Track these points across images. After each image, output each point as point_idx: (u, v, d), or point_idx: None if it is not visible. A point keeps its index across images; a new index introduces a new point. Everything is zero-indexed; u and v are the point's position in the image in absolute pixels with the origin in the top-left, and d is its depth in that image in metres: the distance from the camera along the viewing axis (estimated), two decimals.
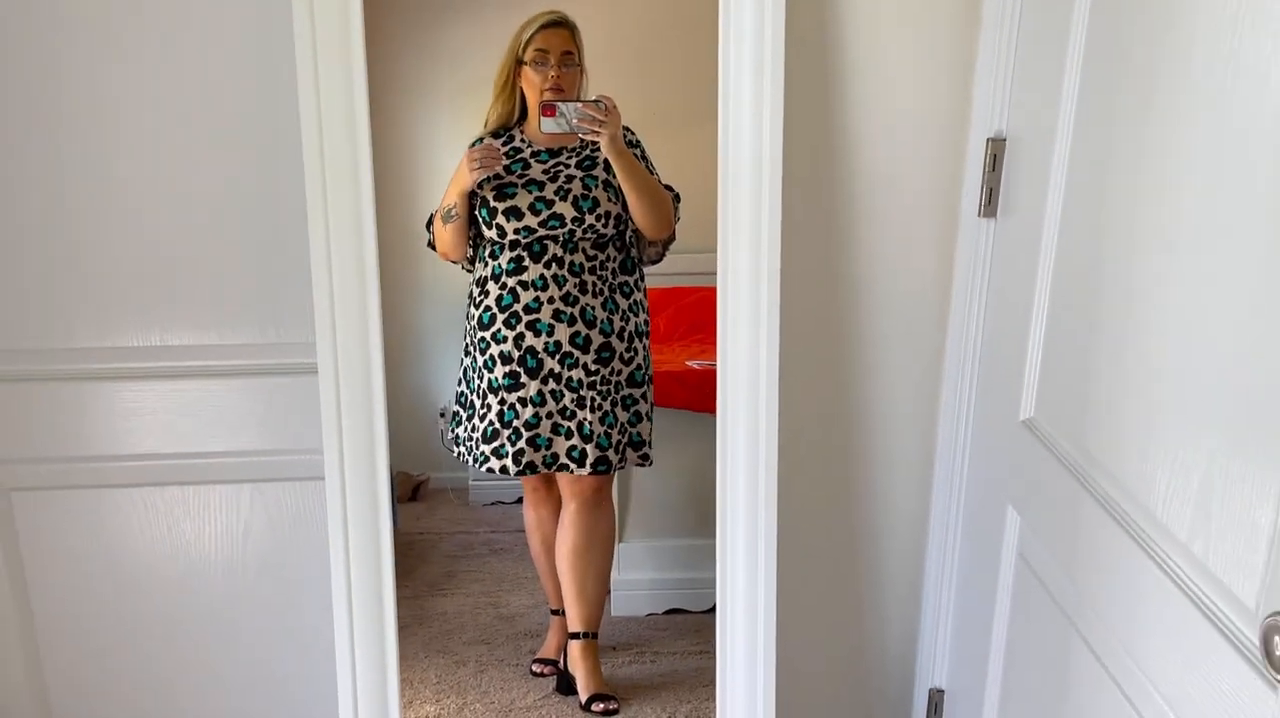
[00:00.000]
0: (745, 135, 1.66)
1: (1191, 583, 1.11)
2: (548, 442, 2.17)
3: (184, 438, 1.91)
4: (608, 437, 2.18)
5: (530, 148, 2.18)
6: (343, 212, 1.67)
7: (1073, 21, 1.42)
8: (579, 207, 2.11)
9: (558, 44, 2.12)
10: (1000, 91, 1.70)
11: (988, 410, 1.82)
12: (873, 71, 1.77)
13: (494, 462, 2.20)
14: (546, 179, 2.13)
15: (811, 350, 1.91)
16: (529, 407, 2.15)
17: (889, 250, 1.86)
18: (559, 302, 2.13)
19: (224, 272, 1.85)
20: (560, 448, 2.18)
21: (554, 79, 2.11)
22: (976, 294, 1.81)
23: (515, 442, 2.17)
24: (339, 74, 1.62)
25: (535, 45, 2.12)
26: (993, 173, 1.72)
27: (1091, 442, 1.39)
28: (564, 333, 2.14)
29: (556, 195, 2.11)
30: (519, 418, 2.16)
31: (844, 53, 1.75)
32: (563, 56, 2.12)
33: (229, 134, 1.79)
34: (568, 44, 2.13)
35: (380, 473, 1.80)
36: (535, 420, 2.16)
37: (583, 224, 2.12)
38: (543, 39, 2.12)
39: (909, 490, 2.01)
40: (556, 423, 2.17)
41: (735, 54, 1.65)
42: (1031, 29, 1.62)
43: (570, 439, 2.18)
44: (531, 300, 2.13)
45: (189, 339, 1.87)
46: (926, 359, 1.93)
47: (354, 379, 1.74)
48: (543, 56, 2.11)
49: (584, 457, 2.18)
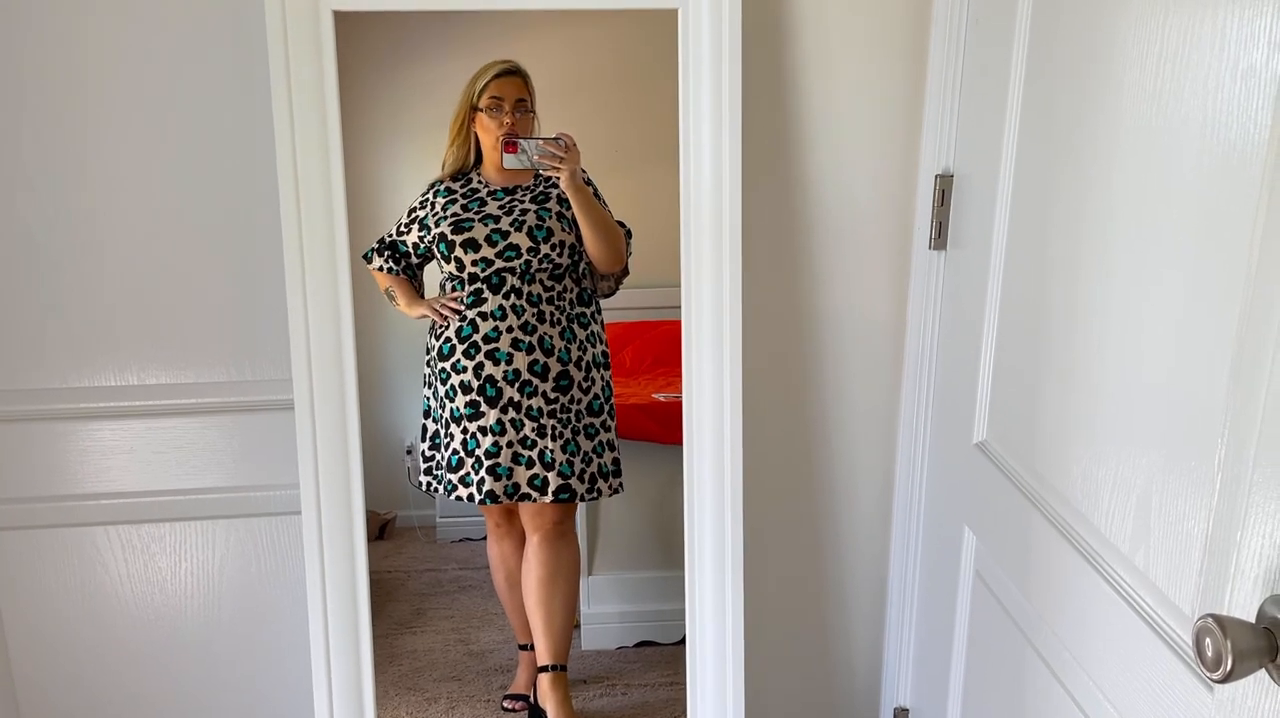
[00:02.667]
0: (705, 175, 1.73)
1: (1134, 593, 1.16)
2: (508, 471, 2.19)
3: (161, 476, 1.94)
4: (570, 464, 2.21)
5: (487, 187, 2.24)
6: (318, 250, 1.72)
7: (1011, 62, 1.50)
8: (534, 237, 2.17)
9: (511, 92, 2.19)
10: (947, 130, 1.77)
11: (943, 434, 1.88)
12: (828, 111, 1.84)
13: (461, 490, 2.22)
14: (502, 213, 2.19)
15: (774, 380, 1.97)
16: (489, 436, 2.18)
17: (847, 282, 1.93)
18: (518, 330, 2.16)
19: (200, 311, 1.88)
20: (521, 477, 2.20)
21: (508, 125, 2.17)
22: (930, 323, 1.88)
23: (478, 470, 2.20)
24: (313, 117, 1.67)
25: (489, 93, 2.18)
26: (941, 207, 1.79)
27: (1040, 462, 1.44)
28: (522, 361, 2.18)
29: (512, 227, 2.17)
30: (480, 447, 2.19)
31: (800, 94, 1.82)
32: (516, 104, 2.19)
33: (204, 175, 1.83)
34: (521, 91, 2.20)
35: (356, 508, 1.84)
36: (495, 450, 2.18)
37: (538, 254, 2.17)
38: (497, 87, 2.18)
39: (870, 514, 2.07)
40: (517, 452, 2.19)
41: (694, 97, 1.72)
42: (974, 69, 1.70)
43: (532, 468, 2.20)
44: (490, 330, 2.17)
45: (166, 378, 1.90)
46: (885, 386, 2.00)
47: (329, 415, 1.78)
48: (497, 103, 2.18)
49: (545, 485, 2.21)
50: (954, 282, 1.80)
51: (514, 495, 2.21)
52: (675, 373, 2.25)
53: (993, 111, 1.57)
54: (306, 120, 1.68)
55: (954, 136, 1.76)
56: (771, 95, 1.82)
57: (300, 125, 1.68)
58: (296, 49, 1.66)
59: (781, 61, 1.81)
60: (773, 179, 1.86)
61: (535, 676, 2.39)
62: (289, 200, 1.68)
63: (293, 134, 1.67)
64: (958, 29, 1.72)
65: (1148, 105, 1.11)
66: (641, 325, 2.64)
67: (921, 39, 1.81)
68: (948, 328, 1.84)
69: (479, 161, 2.29)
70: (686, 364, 1.81)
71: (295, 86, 1.66)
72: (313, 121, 1.68)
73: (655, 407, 2.43)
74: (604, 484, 2.31)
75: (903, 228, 1.90)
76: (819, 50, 1.81)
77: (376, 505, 2.57)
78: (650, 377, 2.63)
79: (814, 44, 1.81)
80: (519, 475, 2.20)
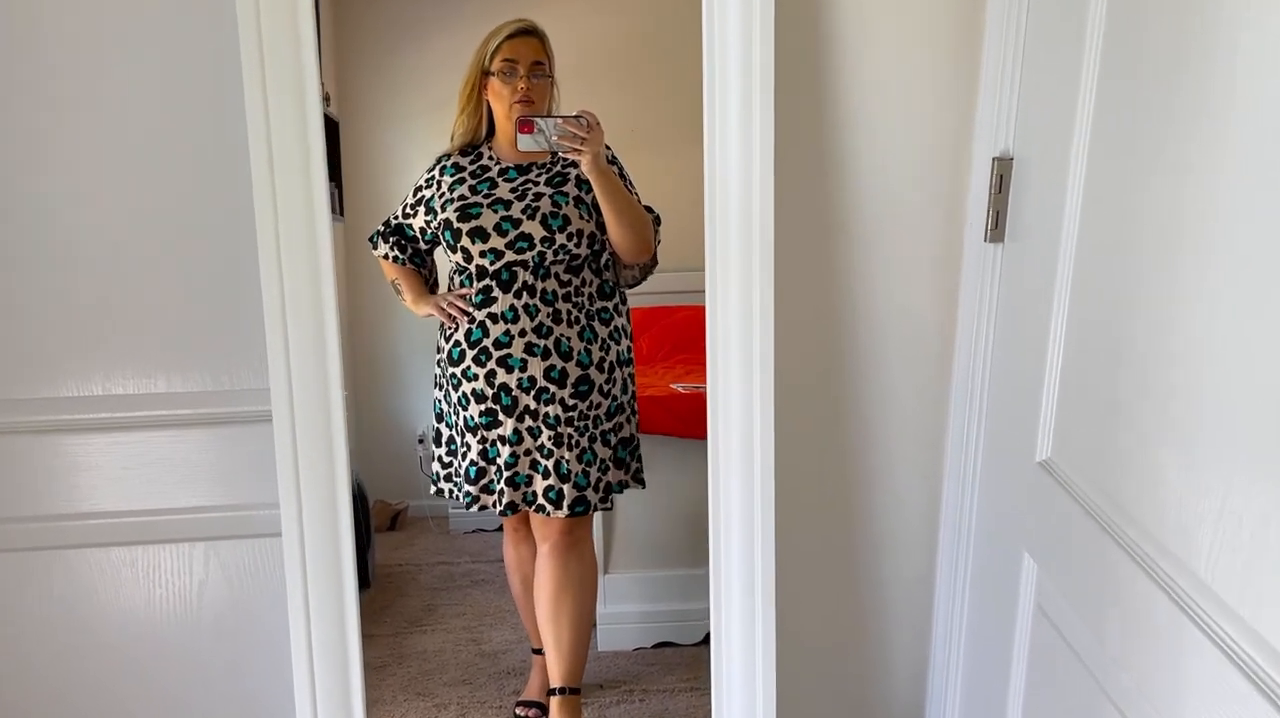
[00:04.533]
0: (733, 160, 1.55)
1: (1242, 652, 0.98)
2: (527, 479, 2.07)
3: (131, 494, 1.78)
4: (585, 475, 2.06)
5: (498, 165, 2.05)
6: (297, 246, 1.55)
7: (1088, 21, 1.31)
8: (548, 225, 1.98)
9: (527, 54, 1.99)
10: (1006, 108, 1.58)
11: (999, 450, 1.69)
12: (868, 88, 1.65)
13: (486, 499, 2.11)
14: (514, 197, 2.00)
15: (807, 389, 1.78)
16: (506, 446, 2.04)
17: (889, 278, 1.75)
18: (531, 334, 2.00)
19: (170, 312, 1.71)
20: (538, 487, 2.07)
21: (523, 91, 1.98)
22: (983, 324, 1.69)
23: (498, 480, 2.07)
24: (290, 99, 1.49)
25: (503, 55, 1.99)
26: (999, 194, 1.60)
27: (1119, 487, 1.26)
28: (538, 368, 2.01)
29: (524, 214, 1.98)
30: (500, 457, 2.05)
31: (837, 70, 1.64)
32: (532, 67, 1.99)
33: (173, 162, 1.66)
34: (537, 53, 2.00)
35: (344, 531, 1.67)
36: (513, 460, 2.05)
37: (553, 244, 1.99)
38: (510, 48, 1.99)
39: (914, 534, 1.88)
40: (535, 461, 2.06)
41: (721, 72, 1.54)
42: (1039, 40, 1.50)
43: (548, 479, 2.06)
44: (501, 334, 2.00)
45: (133, 387, 1.73)
46: (930, 393, 1.81)
47: (312, 428, 1.61)
48: (510, 67, 1.99)
49: (560, 498, 2.06)
50: (1013, 278, 1.61)
51: (531, 504, 2.09)
52: (694, 360, 2.25)
53: (1064, 82, 1.39)
54: (282, 104, 1.50)
55: (1014, 112, 1.57)
56: (803, 70, 1.64)
57: (276, 110, 1.50)
58: (271, 28, 1.48)
59: (815, 29, 1.62)
60: (805, 164, 1.67)
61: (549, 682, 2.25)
62: (264, 192, 1.51)
63: (267, 119, 1.50)
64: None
65: (1267, 58, 0.91)
66: (659, 311, 2.53)
67: (977, 5, 1.62)
68: (1005, 330, 1.64)
69: (491, 133, 2.10)
70: (711, 371, 1.62)
71: (270, 70, 1.49)
72: (289, 105, 1.50)
73: (675, 400, 2.35)
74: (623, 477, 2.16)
75: (953, 218, 1.71)
76: (856, 14, 1.62)
77: (388, 495, 2.60)
78: (668, 364, 2.55)
79: (850, 7, 1.62)
80: (536, 485, 2.07)
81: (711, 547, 1.68)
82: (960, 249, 1.72)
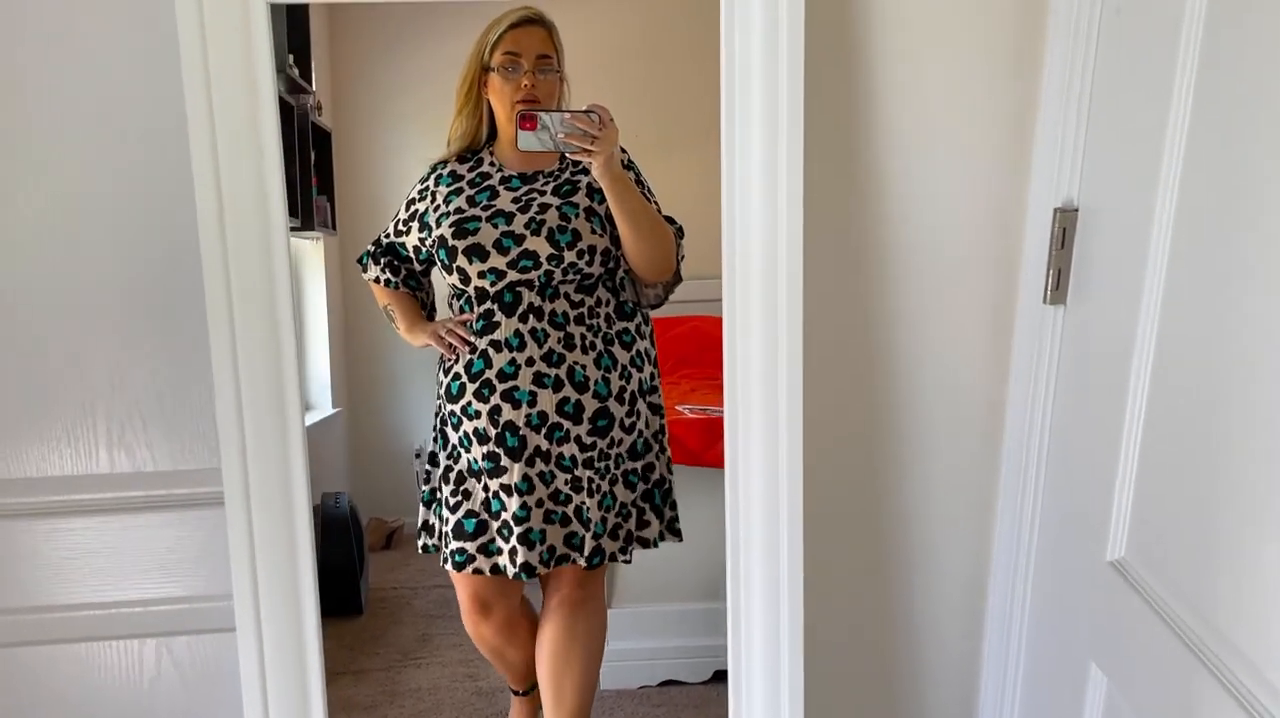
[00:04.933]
0: (754, 211, 1.36)
1: None
2: (541, 534, 1.79)
3: (74, 587, 1.57)
4: (604, 523, 1.81)
5: (500, 172, 1.80)
6: (252, 298, 1.35)
7: (1178, 61, 1.12)
8: (555, 241, 1.73)
9: (532, 45, 1.74)
10: (1069, 151, 1.39)
11: (1060, 543, 1.48)
12: (908, 128, 1.47)
13: (481, 561, 1.80)
14: (516, 210, 1.75)
15: (837, 459, 1.58)
16: (516, 496, 1.77)
17: (930, 344, 1.55)
18: (540, 363, 1.74)
19: (111, 381, 1.52)
20: (556, 538, 1.80)
21: (527, 88, 1.72)
22: (1041, 397, 1.49)
23: (507, 538, 1.79)
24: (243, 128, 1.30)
25: (504, 48, 1.74)
26: (1061, 250, 1.40)
27: (1209, 598, 1.09)
28: (548, 401, 1.75)
29: (528, 229, 1.73)
30: (506, 510, 1.77)
31: (873, 106, 1.45)
32: (538, 61, 1.73)
33: (105, 211, 1.48)
34: (544, 45, 1.75)
35: (308, 627, 1.47)
36: (524, 513, 1.77)
37: (561, 263, 1.73)
38: (513, 40, 1.74)
39: (957, 628, 1.67)
40: (549, 510, 1.78)
41: (743, 109, 1.35)
42: (1112, 72, 1.32)
43: (568, 526, 1.80)
44: (506, 364, 1.74)
45: (72, 467, 1.53)
46: (977, 474, 1.60)
47: (271, 511, 1.42)
48: (513, 61, 1.73)
49: (582, 544, 1.80)
50: (1078, 344, 1.41)
51: (550, 561, 1.80)
52: (700, 375, 2.06)
53: (1145, 126, 1.20)
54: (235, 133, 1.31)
55: (1079, 159, 1.37)
56: (835, 107, 1.45)
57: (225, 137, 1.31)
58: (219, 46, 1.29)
59: (849, 62, 1.44)
60: (836, 213, 1.49)
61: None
62: (210, 229, 1.31)
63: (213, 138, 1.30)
64: (1087, 19, 1.34)
65: None
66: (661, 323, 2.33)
67: (1034, 34, 1.43)
68: (1068, 405, 1.44)
69: (492, 137, 1.87)
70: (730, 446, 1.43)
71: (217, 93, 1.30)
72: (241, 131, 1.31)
73: (681, 427, 2.14)
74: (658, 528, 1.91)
75: (1005, 275, 1.52)
76: (897, 48, 1.44)
77: (384, 512, 2.38)
78: (673, 380, 2.37)
79: (892, 40, 1.44)
80: (553, 537, 1.80)
81: (730, 641, 1.51)
82: (1013, 310, 1.52)
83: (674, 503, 1.93)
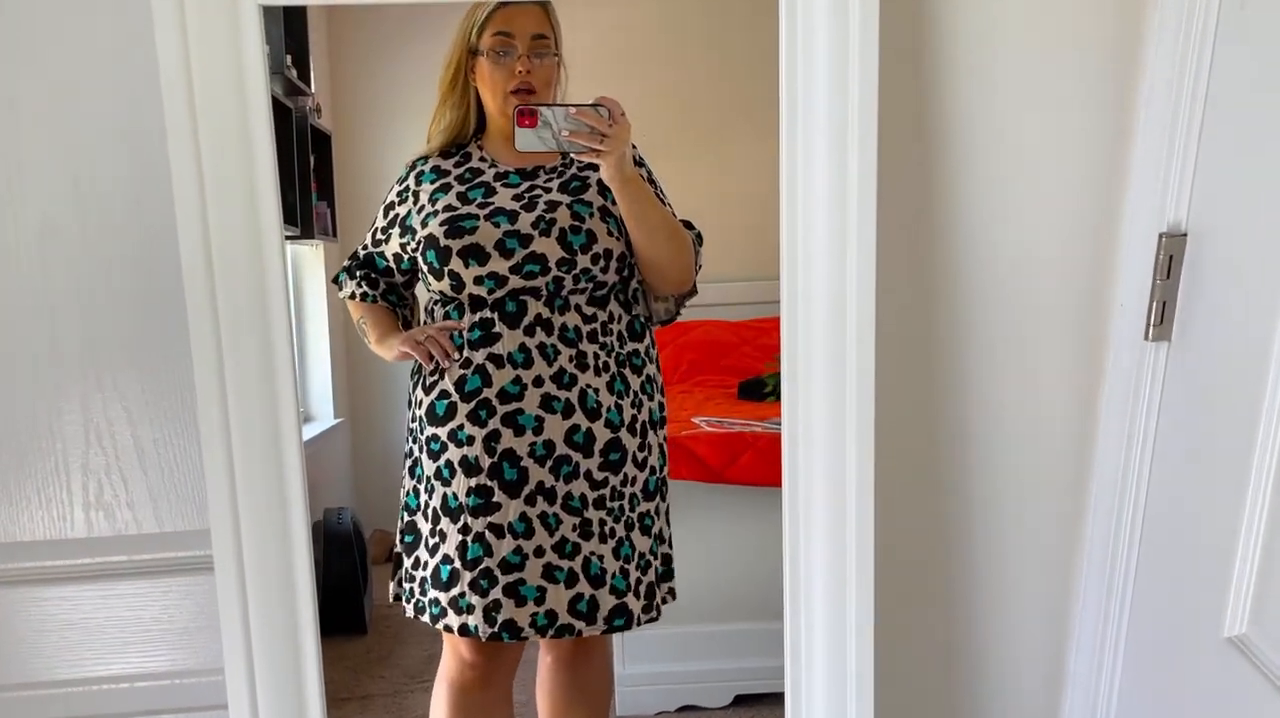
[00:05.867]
0: (819, 243, 1.20)
1: None
2: (538, 593, 1.53)
3: (50, 661, 1.44)
4: (624, 575, 1.57)
5: (495, 168, 1.59)
6: (244, 333, 1.21)
7: None
8: (568, 244, 1.51)
9: (525, 25, 1.54)
10: (1177, 172, 1.23)
11: (1160, 614, 1.32)
12: (987, 147, 1.31)
13: (451, 617, 1.54)
14: (520, 208, 1.53)
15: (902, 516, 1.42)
16: (509, 538, 1.52)
17: (1006, 383, 1.39)
18: (549, 383, 1.52)
19: (87, 434, 1.37)
20: (559, 601, 1.54)
21: (521, 74, 1.52)
22: (1139, 447, 1.32)
23: (487, 590, 1.52)
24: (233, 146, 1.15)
25: (494, 28, 1.54)
26: (1167, 281, 1.24)
27: None
28: (557, 428, 1.52)
29: (535, 229, 1.51)
30: (493, 555, 1.52)
31: (945, 115, 1.30)
32: (533, 42, 1.53)
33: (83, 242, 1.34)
34: (540, 24, 1.55)
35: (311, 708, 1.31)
36: (517, 558, 1.52)
37: (573, 268, 1.51)
38: (504, 18, 1.54)
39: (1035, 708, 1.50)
40: (551, 565, 1.53)
41: (806, 118, 1.20)
42: (1232, 77, 1.16)
43: (574, 586, 1.54)
44: (509, 383, 1.52)
45: (44, 531, 1.39)
46: (1059, 531, 1.44)
47: (268, 578, 1.27)
48: (504, 43, 1.52)
49: (595, 609, 1.55)
50: (1187, 387, 1.25)
51: (548, 629, 1.54)
52: (715, 383, 1.99)
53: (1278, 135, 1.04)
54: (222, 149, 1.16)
55: (1189, 178, 1.21)
56: (905, 118, 1.29)
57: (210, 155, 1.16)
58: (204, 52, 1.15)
59: (919, 67, 1.28)
60: (902, 237, 1.32)
61: None
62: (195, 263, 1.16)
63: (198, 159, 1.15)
64: (1202, 14, 1.17)
65: None
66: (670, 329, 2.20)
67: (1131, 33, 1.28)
68: (1173, 456, 1.28)
69: (481, 128, 1.66)
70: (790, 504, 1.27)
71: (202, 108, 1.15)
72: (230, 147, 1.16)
73: (699, 441, 2.02)
74: (660, 595, 1.69)
75: (1096, 307, 1.35)
76: (974, 51, 1.29)
77: (388, 523, 2.18)
78: (685, 388, 2.27)
79: (966, 44, 1.29)
80: (555, 599, 1.54)
81: None
82: (1105, 347, 1.36)
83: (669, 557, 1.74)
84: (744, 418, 2.02)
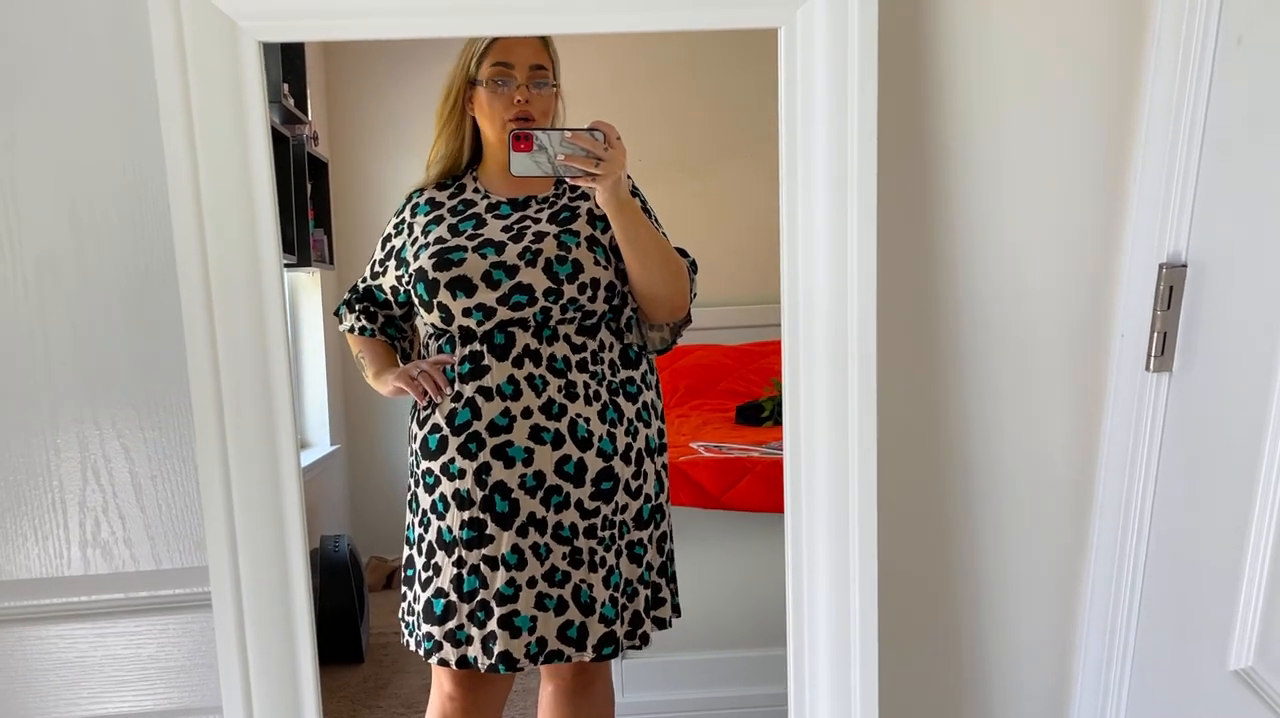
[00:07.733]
0: (820, 273, 1.20)
1: None
2: (530, 622, 1.54)
3: (43, 702, 1.39)
4: (613, 604, 1.59)
5: (487, 199, 1.60)
6: (244, 366, 1.19)
7: None
8: (554, 274, 1.51)
9: (524, 55, 1.53)
10: (1176, 204, 1.22)
11: (1164, 647, 1.31)
12: (988, 181, 1.31)
13: (448, 650, 1.55)
14: (508, 239, 1.53)
15: (905, 546, 1.41)
16: (503, 570, 1.53)
17: (1008, 413, 1.38)
18: (538, 414, 1.52)
19: (83, 471, 1.34)
20: (549, 628, 1.55)
21: (520, 104, 1.52)
22: (1140, 477, 1.31)
23: (484, 622, 1.54)
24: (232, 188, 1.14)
25: (493, 58, 1.54)
26: (1167, 311, 1.23)
27: None
28: (547, 459, 1.53)
29: (521, 260, 1.51)
30: (488, 587, 1.54)
31: (943, 147, 1.29)
32: (532, 73, 1.53)
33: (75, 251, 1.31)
34: (539, 55, 1.54)
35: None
36: (511, 590, 1.53)
37: (560, 299, 1.51)
38: (502, 49, 1.53)
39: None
40: (542, 594, 1.54)
41: (806, 145, 1.19)
42: (1231, 110, 1.15)
43: (564, 614, 1.55)
44: (498, 415, 1.52)
45: (39, 568, 1.36)
46: (1062, 562, 1.43)
47: (267, 617, 1.25)
48: (503, 73, 1.52)
49: (584, 636, 1.56)
50: (1189, 418, 1.24)
51: (539, 656, 1.55)
52: (712, 407, 1.98)
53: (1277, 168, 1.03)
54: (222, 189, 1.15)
55: (1188, 210, 1.21)
56: (907, 153, 1.29)
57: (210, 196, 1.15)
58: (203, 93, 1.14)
59: (919, 104, 1.27)
60: (903, 268, 1.32)
61: None
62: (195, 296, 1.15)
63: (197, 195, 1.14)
64: (1199, 50, 1.17)
65: None
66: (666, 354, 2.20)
67: (1129, 69, 1.27)
68: (1176, 486, 1.27)
69: (477, 159, 1.65)
70: (793, 529, 1.26)
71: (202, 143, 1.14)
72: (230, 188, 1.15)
73: (698, 467, 1.98)
74: (650, 622, 1.68)
75: (1096, 338, 1.35)
76: (974, 89, 1.28)
77: (385, 550, 2.26)
78: (682, 411, 2.22)
79: (966, 82, 1.28)
80: (545, 627, 1.55)
81: None
82: (1104, 378, 1.35)
83: (675, 576, 1.73)
84: (742, 443, 2.00)
